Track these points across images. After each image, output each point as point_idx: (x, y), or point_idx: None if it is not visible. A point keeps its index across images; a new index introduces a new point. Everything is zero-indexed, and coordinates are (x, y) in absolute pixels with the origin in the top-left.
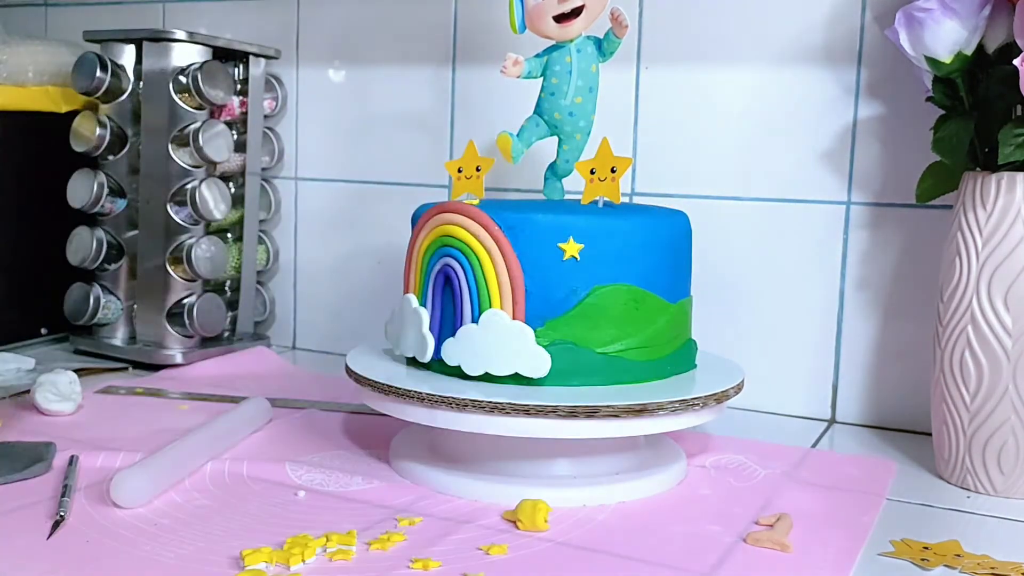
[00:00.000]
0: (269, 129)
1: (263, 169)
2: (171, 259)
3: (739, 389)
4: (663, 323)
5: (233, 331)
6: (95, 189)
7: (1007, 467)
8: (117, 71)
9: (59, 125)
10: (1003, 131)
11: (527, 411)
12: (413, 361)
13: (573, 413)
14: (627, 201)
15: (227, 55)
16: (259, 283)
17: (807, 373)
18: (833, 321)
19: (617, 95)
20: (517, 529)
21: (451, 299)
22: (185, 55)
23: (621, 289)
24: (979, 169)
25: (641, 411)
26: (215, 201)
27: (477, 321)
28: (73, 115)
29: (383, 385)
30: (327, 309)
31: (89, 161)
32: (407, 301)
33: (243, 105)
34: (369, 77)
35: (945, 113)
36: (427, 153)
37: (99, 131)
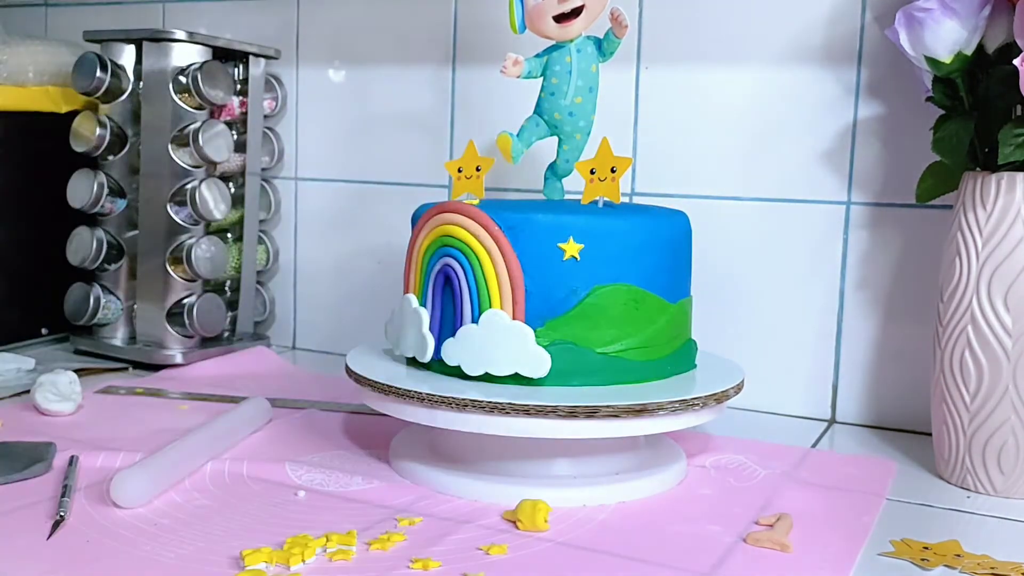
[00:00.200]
0: (269, 129)
1: (263, 169)
2: (171, 259)
3: (739, 389)
4: (663, 323)
5: (233, 331)
6: (95, 189)
7: (1007, 467)
8: (117, 71)
9: (59, 125)
10: (1003, 131)
11: (527, 411)
12: (413, 361)
13: (573, 413)
14: (627, 201)
15: (227, 55)
16: (259, 283)
17: (807, 373)
18: (833, 321)
19: (617, 95)
20: (517, 529)
21: (451, 299)
22: (185, 55)
23: (621, 289)
24: (979, 169)
25: (641, 411)
26: (215, 201)
27: (477, 321)
28: (73, 115)
29: (383, 385)
30: (327, 309)
31: (89, 161)
32: (407, 301)
33: (243, 105)
34: (369, 77)
35: (945, 113)
36: (427, 153)
37: (99, 131)
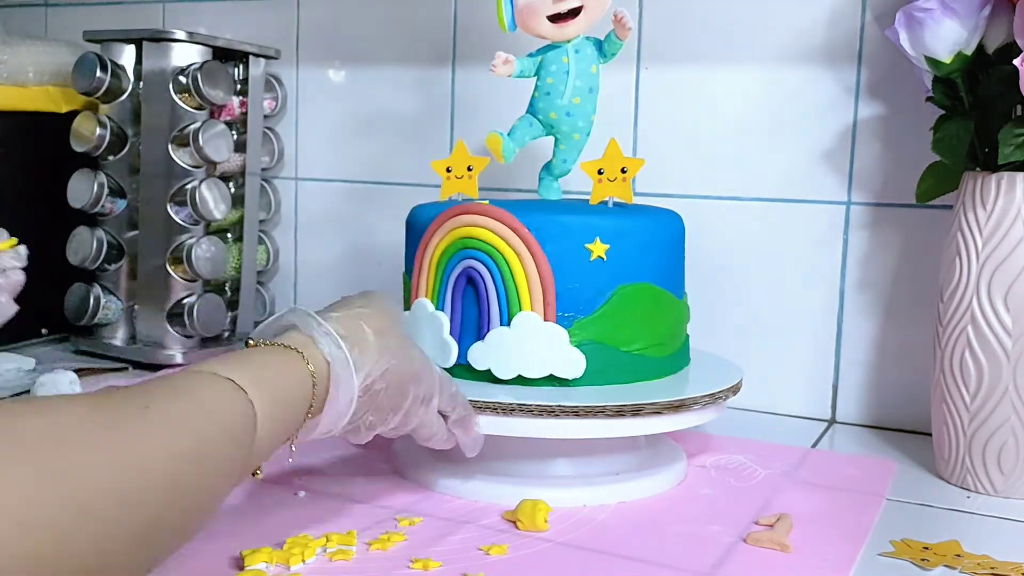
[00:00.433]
0: (269, 129)
1: (263, 169)
2: (171, 259)
3: (738, 387)
4: (674, 319)
5: (233, 331)
6: (95, 189)
7: (1007, 467)
8: (117, 71)
9: (59, 125)
10: (1003, 131)
11: (576, 412)
12: None
13: (620, 412)
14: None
15: (227, 55)
16: (259, 283)
17: (807, 373)
18: (833, 321)
19: (617, 95)
20: (517, 529)
21: (474, 303)
22: (185, 55)
23: (642, 288)
24: (979, 169)
25: (679, 407)
26: (215, 201)
27: (508, 324)
28: (73, 115)
29: None
30: None
31: (89, 161)
32: (421, 306)
33: (243, 105)
34: (369, 77)
35: (945, 113)
36: (427, 153)
37: (99, 131)
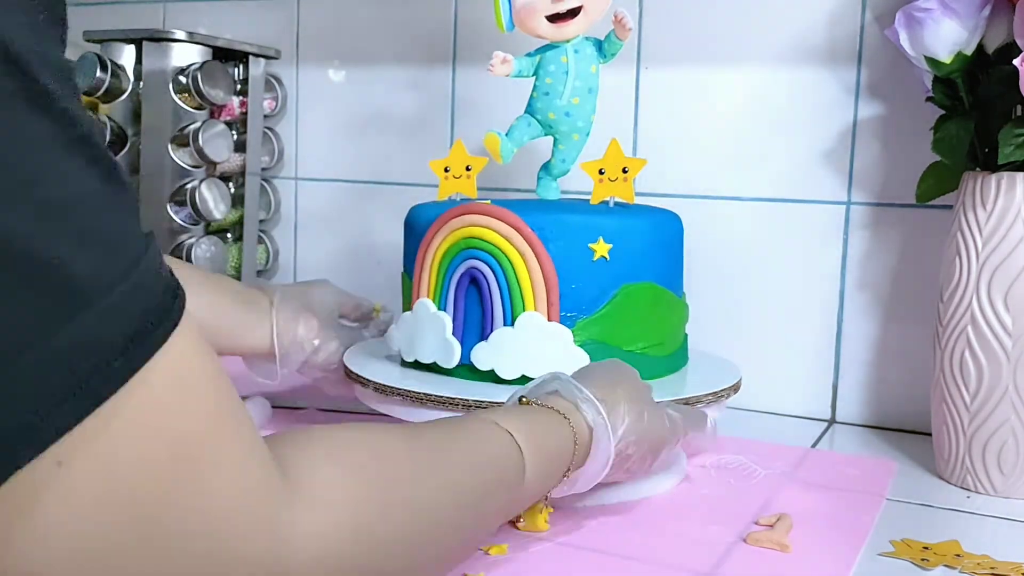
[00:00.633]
0: (269, 129)
1: (263, 169)
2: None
3: (737, 385)
4: (675, 319)
5: None
6: None
7: (1007, 467)
8: (117, 71)
9: None
10: (1003, 131)
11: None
12: (415, 365)
13: None
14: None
15: (227, 55)
16: None
17: (807, 373)
18: (833, 321)
19: (617, 95)
20: (517, 529)
21: (477, 303)
22: (185, 55)
23: (645, 287)
24: (979, 169)
25: (685, 404)
26: (215, 201)
27: (512, 324)
28: None
29: (434, 397)
30: None
31: None
32: (423, 306)
33: (243, 105)
34: (369, 77)
35: (945, 113)
36: (427, 153)
37: None
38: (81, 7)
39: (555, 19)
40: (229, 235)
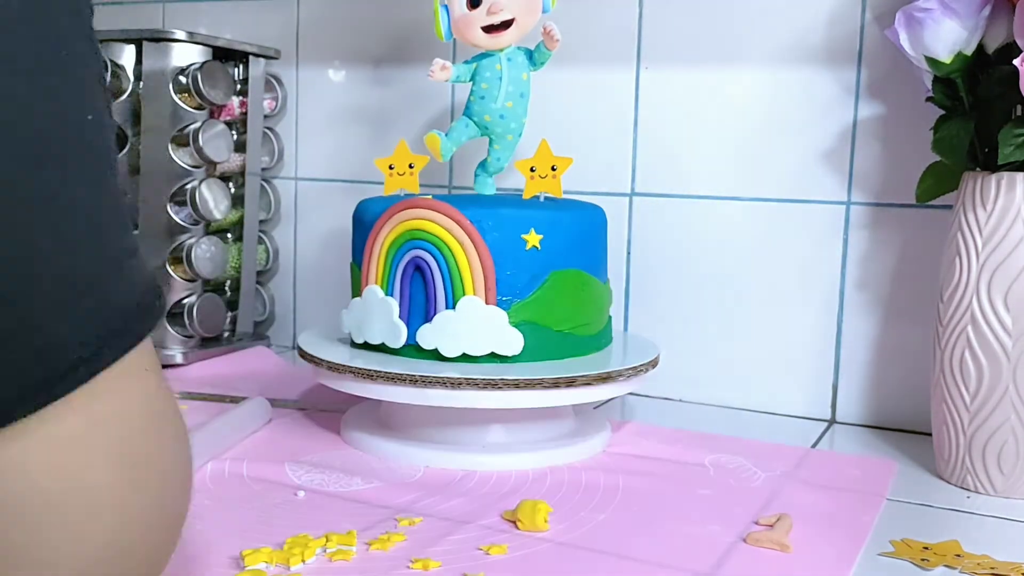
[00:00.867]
0: (269, 129)
1: (263, 169)
2: (171, 259)
3: (655, 361)
4: (599, 302)
5: (233, 331)
6: None
7: (1007, 467)
8: (117, 71)
9: None
10: (1003, 131)
11: (516, 385)
12: (365, 346)
13: (555, 384)
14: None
15: (227, 55)
16: (259, 283)
17: (807, 373)
18: (833, 321)
19: (617, 95)
20: (517, 529)
21: (422, 288)
22: (185, 55)
23: (571, 273)
24: (979, 169)
25: (607, 378)
26: (215, 201)
27: (453, 307)
28: None
29: (383, 373)
30: (327, 309)
31: None
32: (372, 292)
33: (243, 105)
34: (369, 77)
35: (945, 113)
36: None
37: None
38: None
39: (489, 30)
40: (229, 235)
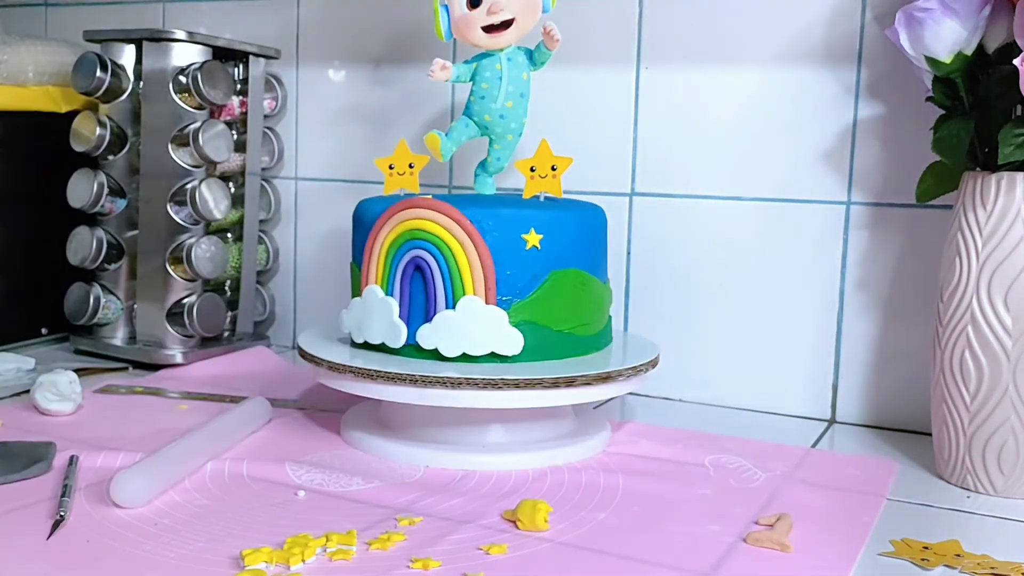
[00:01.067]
0: (269, 129)
1: (263, 169)
2: (171, 259)
3: (655, 361)
4: (599, 302)
5: (233, 331)
6: (95, 189)
7: (1007, 467)
8: (117, 71)
9: (59, 125)
10: (1003, 131)
11: (516, 385)
12: (365, 346)
13: (555, 384)
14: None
15: (227, 55)
16: (259, 283)
17: (807, 373)
18: (833, 321)
19: (617, 95)
20: (517, 529)
21: (422, 288)
22: (185, 55)
23: (571, 273)
24: (979, 169)
25: (607, 378)
26: (215, 201)
27: (453, 307)
28: (73, 115)
29: (383, 373)
30: (327, 309)
31: (89, 161)
32: (372, 292)
33: (243, 105)
34: (369, 77)
35: (945, 113)
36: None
37: (99, 131)
38: (81, 7)
39: (489, 30)
40: (229, 235)
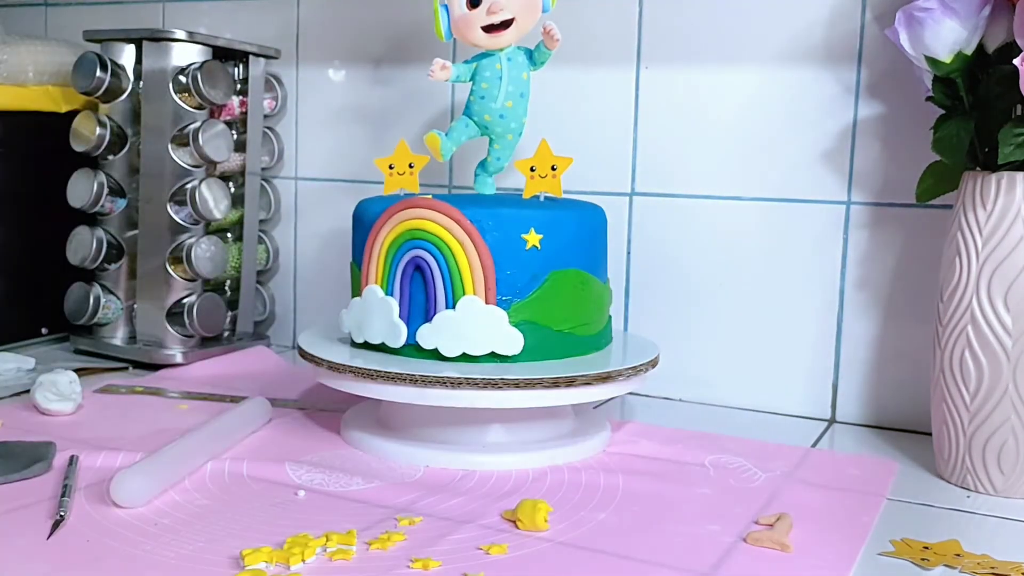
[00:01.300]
0: (269, 129)
1: (263, 169)
2: (171, 259)
3: (655, 361)
4: (599, 302)
5: (233, 331)
6: (95, 189)
7: (1007, 467)
8: (117, 71)
9: (59, 125)
10: (1003, 131)
11: (516, 385)
12: (365, 346)
13: (555, 384)
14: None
15: (227, 55)
16: (259, 283)
17: (807, 373)
18: (833, 321)
19: (617, 95)
20: (517, 529)
21: (422, 288)
22: (185, 55)
23: (571, 273)
24: (979, 169)
25: (607, 378)
26: (215, 201)
27: (453, 307)
28: (73, 115)
29: (383, 372)
30: (327, 309)
31: (89, 161)
32: (372, 292)
33: (243, 105)
34: (369, 77)
35: (945, 113)
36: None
37: (99, 131)
38: (81, 7)
39: (489, 30)
40: (229, 235)
